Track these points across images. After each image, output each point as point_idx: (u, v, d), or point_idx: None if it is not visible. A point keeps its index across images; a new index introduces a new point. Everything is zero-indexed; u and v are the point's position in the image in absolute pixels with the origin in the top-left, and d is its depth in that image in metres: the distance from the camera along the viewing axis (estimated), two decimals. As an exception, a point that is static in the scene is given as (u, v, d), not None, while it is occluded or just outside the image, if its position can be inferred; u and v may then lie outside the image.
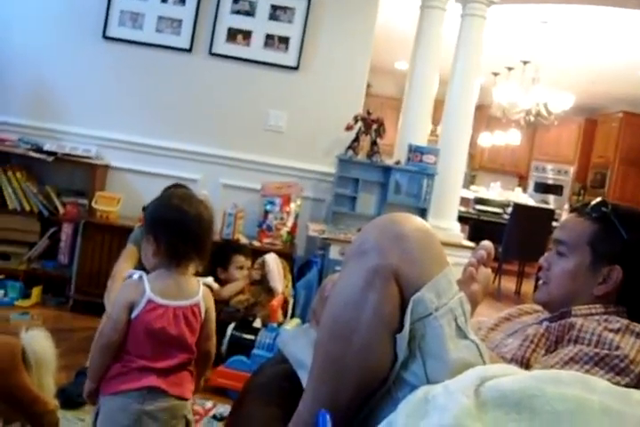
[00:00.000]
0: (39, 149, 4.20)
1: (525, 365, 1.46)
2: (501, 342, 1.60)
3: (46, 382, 2.22)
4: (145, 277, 1.81)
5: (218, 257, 3.70)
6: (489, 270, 1.52)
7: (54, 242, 4.27)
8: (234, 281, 3.67)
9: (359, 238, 1.26)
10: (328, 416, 0.92)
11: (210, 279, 1.95)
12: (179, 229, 1.81)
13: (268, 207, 4.12)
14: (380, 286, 1.18)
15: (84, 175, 4.37)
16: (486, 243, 1.50)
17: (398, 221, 1.23)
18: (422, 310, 1.17)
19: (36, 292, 4.10)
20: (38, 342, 2.22)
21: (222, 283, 3.69)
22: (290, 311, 3.75)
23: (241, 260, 3.68)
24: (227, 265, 3.67)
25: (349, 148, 4.33)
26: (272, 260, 3.68)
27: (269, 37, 4.44)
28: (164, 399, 1.79)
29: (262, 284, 3.65)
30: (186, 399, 1.86)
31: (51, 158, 4.12)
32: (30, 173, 4.34)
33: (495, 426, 0.98)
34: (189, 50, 4.45)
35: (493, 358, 1.33)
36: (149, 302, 1.78)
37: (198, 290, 1.88)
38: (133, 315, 1.78)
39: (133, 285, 1.80)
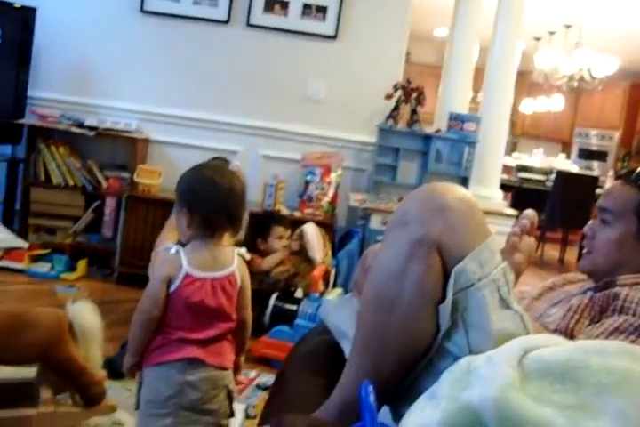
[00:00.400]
0: (81, 125, 4.24)
1: (569, 335, 1.44)
2: (545, 313, 1.59)
3: (93, 354, 2.27)
4: (181, 251, 1.82)
5: (258, 228, 3.72)
6: (532, 240, 1.50)
7: (98, 216, 4.34)
8: (273, 252, 3.69)
9: (400, 209, 1.25)
10: (371, 387, 0.92)
11: (243, 250, 1.96)
12: (212, 200, 1.83)
13: (309, 178, 4.12)
14: (422, 257, 1.18)
15: (126, 149, 4.41)
16: (529, 212, 1.48)
17: (440, 192, 1.22)
18: (465, 280, 1.17)
19: (81, 265, 4.17)
20: (84, 314, 2.27)
21: (262, 254, 3.72)
22: (331, 281, 3.77)
23: (280, 230, 3.69)
24: (266, 236, 3.70)
25: (389, 117, 4.29)
26: (310, 229, 3.68)
27: (307, 7, 4.40)
28: (205, 369, 1.81)
29: (302, 254, 3.67)
30: (226, 369, 1.88)
31: (92, 133, 4.16)
32: (73, 148, 4.39)
33: (539, 397, 0.97)
34: (227, 21, 4.43)
35: (537, 328, 1.32)
36: (187, 275, 1.79)
37: (233, 260, 1.89)
38: (172, 289, 1.79)
39: (170, 259, 1.81)
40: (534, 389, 0.99)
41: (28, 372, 2.26)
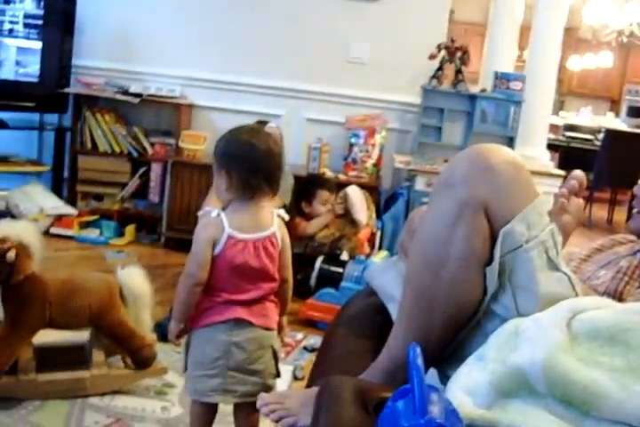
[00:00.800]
0: (125, 92, 4.27)
1: (618, 298, 1.43)
2: (593, 274, 1.57)
3: (143, 318, 2.32)
4: (222, 214, 1.83)
5: (303, 191, 3.72)
6: (581, 201, 1.47)
7: (145, 182, 4.38)
8: (317, 215, 3.70)
9: (447, 171, 1.24)
10: (418, 349, 0.92)
11: (282, 211, 1.97)
12: (249, 163, 1.83)
13: (353, 140, 4.10)
14: (469, 218, 1.17)
15: (170, 115, 4.44)
16: (578, 172, 1.46)
17: (487, 153, 1.20)
18: (512, 242, 1.16)
19: (129, 230, 4.23)
20: (134, 279, 2.31)
21: (307, 217, 3.73)
22: (377, 244, 3.77)
23: (325, 195, 3.69)
24: (311, 199, 3.70)
25: (433, 77, 4.23)
26: (354, 192, 3.67)
27: (348, -33, 4.33)
28: (250, 330, 1.83)
29: (346, 217, 3.66)
30: (271, 330, 1.90)
31: (137, 100, 4.18)
32: (118, 115, 4.43)
33: (587, 360, 0.97)
34: (269, -16, 4.40)
35: (585, 290, 1.30)
36: (230, 237, 1.80)
37: (273, 221, 1.90)
38: (216, 252, 1.81)
39: (212, 222, 1.82)
40: (583, 351, 0.99)
41: (81, 336, 2.33)
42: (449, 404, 0.91)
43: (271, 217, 1.90)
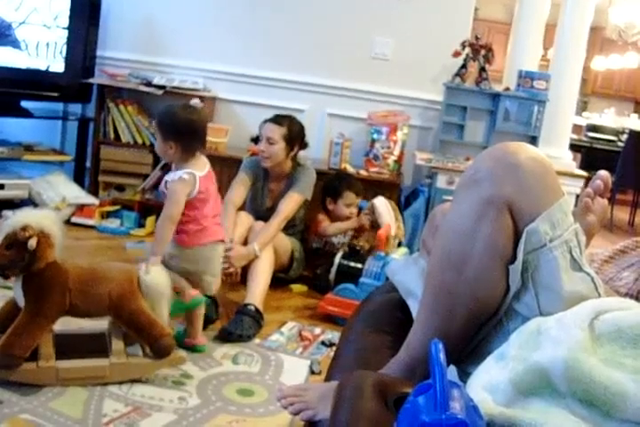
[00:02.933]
0: (149, 83, 4.28)
1: (642, 300, 1.42)
2: (616, 276, 1.56)
3: (161, 310, 2.33)
4: (190, 170, 2.52)
5: (329, 188, 3.70)
6: (605, 201, 1.47)
7: (166, 173, 4.38)
8: (340, 215, 3.66)
9: (472, 168, 1.24)
10: (441, 345, 0.93)
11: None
12: (191, 132, 2.54)
13: (375, 136, 4.09)
14: (493, 216, 1.17)
15: (193, 107, 4.45)
16: (603, 173, 1.45)
17: (512, 151, 1.20)
18: (536, 241, 1.16)
19: (150, 221, 4.24)
20: (153, 271, 2.32)
21: (328, 214, 3.72)
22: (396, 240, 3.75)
23: (351, 197, 3.63)
24: (337, 198, 3.67)
25: (457, 75, 4.22)
26: (380, 203, 3.63)
27: (374, -38, 4.32)
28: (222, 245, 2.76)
29: (374, 229, 3.60)
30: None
31: (160, 92, 4.19)
32: (141, 106, 4.44)
33: (610, 361, 0.97)
34: (293, -22, 4.39)
35: (607, 291, 1.30)
36: (200, 179, 2.54)
37: (207, 161, 2.66)
38: (193, 194, 2.52)
39: (192, 180, 2.51)
40: (605, 352, 0.98)
41: (101, 324, 2.35)
42: (470, 400, 0.91)
43: (205, 160, 2.65)
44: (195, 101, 3.91)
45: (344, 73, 4.45)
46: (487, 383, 1.05)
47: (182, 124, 2.53)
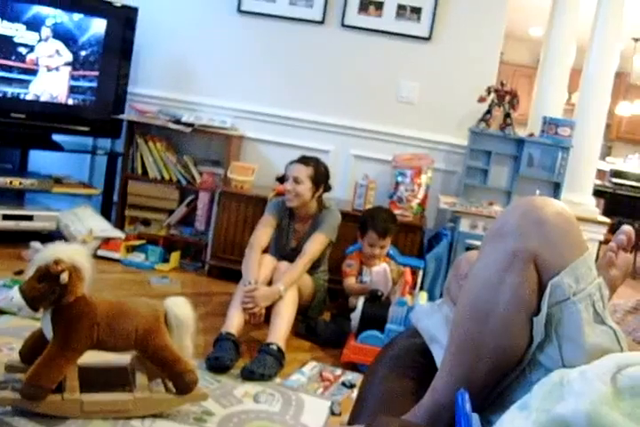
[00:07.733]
0: (178, 121, 4.37)
1: (665, 353, 1.43)
2: (639, 327, 1.58)
3: (186, 344, 2.37)
4: None
5: (360, 222, 3.70)
6: (629, 256, 1.49)
7: (192, 209, 4.47)
8: (365, 253, 3.65)
9: (499, 221, 1.28)
10: (467, 395, 0.95)
11: None
12: None
13: (400, 179, 4.12)
14: (518, 268, 1.20)
15: (220, 146, 4.53)
16: (627, 228, 1.48)
17: (539, 205, 1.23)
18: (560, 294, 1.19)
19: (174, 257, 4.30)
20: (179, 306, 2.36)
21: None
22: (418, 284, 3.75)
23: (374, 238, 3.62)
24: (363, 235, 3.69)
25: (482, 120, 4.26)
26: (379, 273, 3.51)
27: (401, 8, 4.41)
28: None
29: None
30: None
31: (189, 129, 4.28)
32: (169, 143, 4.54)
33: (632, 415, 0.98)
34: (322, 22, 4.49)
35: (630, 344, 1.32)
36: None
37: None
38: None
39: None
40: (627, 406, 1.00)
41: (125, 359, 2.38)
42: (494, 450, 0.93)
43: None
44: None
45: (370, 115, 4.52)
46: (511, 433, 1.06)
47: None
